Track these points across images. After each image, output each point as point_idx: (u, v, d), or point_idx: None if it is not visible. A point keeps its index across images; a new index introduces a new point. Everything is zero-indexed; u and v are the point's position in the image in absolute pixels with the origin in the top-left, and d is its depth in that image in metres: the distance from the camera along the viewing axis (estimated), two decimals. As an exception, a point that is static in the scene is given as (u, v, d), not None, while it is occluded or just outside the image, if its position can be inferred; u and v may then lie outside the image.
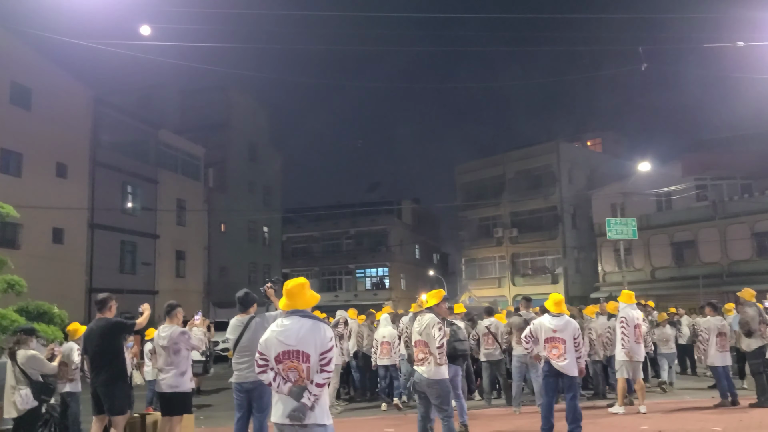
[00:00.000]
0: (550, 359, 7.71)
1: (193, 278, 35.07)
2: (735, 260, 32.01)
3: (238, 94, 42.89)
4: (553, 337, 7.72)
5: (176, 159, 34.94)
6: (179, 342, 6.67)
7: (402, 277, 53.48)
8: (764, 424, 8.26)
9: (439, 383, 6.42)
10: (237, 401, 6.51)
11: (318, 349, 4.04)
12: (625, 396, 9.87)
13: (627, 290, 10.43)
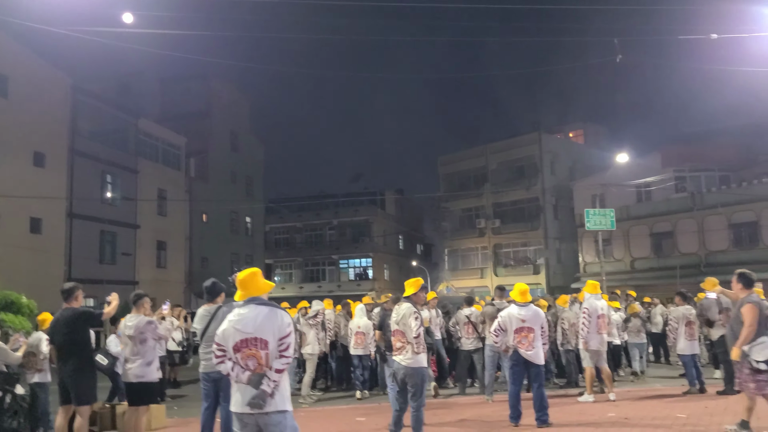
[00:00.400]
0: (519, 349, 7.80)
1: (174, 268, 34.91)
2: (712, 251, 32.42)
3: (220, 83, 42.56)
4: (522, 327, 7.83)
5: (156, 148, 34.67)
6: (145, 332, 6.66)
7: (385, 267, 53.58)
8: (729, 410, 8.40)
9: (416, 372, 6.47)
10: (204, 391, 6.52)
11: (276, 335, 4.04)
12: (594, 384, 10.01)
13: (592, 280, 10.57)
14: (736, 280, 7.11)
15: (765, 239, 30.47)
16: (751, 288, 7.01)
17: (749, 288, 6.99)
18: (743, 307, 6.82)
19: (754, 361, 6.57)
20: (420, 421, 6.37)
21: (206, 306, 6.61)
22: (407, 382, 6.43)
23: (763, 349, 6.57)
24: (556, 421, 7.87)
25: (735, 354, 6.72)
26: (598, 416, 8.39)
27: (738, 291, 7.09)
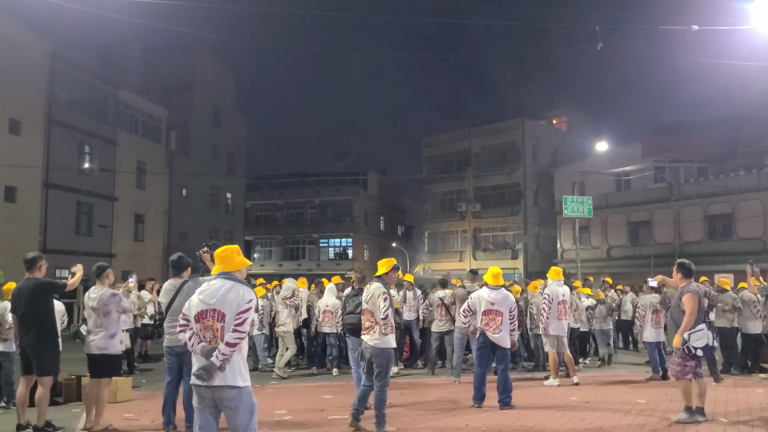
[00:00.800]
0: (486, 331, 7.89)
1: (151, 242, 34.70)
2: (687, 241, 32.86)
3: (204, 56, 41.98)
4: (491, 310, 7.93)
5: (137, 120, 34.24)
6: (109, 304, 6.63)
7: (365, 248, 53.65)
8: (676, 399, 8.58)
9: (383, 352, 6.49)
10: (168, 365, 6.53)
11: (234, 309, 4.03)
12: (560, 368, 10.16)
13: (555, 267, 10.70)
14: (676, 269, 7.27)
15: (739, 231, 30.91)
16: (691, 277, 7.18)
17: (689, 277, 7.16)
18: (684, 296, 7.00)
19: (692, 348, 6.78)
20: (383, 401, 6.42)
21: (172, 280, 6.59)
22: (373, 362, 6.47)
23: (701, 337, 6.78)
24: (519, 404, 7.99)
25: (677, 341, 6.90)
26: (560, 400, 8.54)
27: (678, 280, 7.26)
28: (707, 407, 7.22)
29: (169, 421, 6.46)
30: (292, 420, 7.22)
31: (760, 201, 30.01)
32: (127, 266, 29.44)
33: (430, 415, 7.48)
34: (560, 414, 7.53)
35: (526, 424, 6.96)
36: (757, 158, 32.26)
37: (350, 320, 7.59)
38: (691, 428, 6.72)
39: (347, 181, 53.29)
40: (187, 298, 6.36)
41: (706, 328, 6.88)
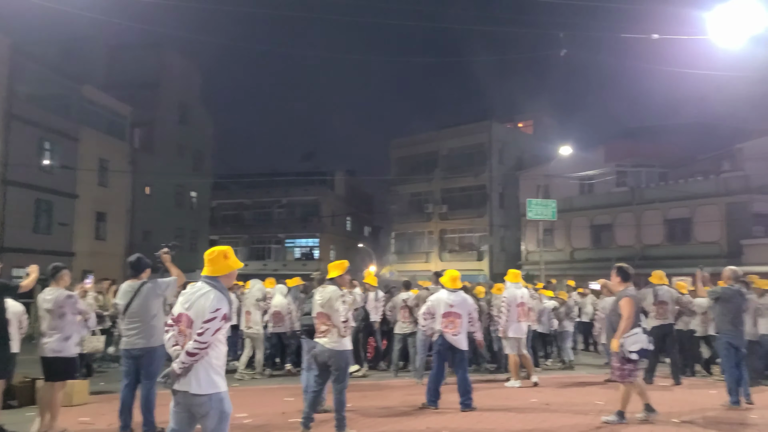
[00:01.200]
0: (445, 333, 7.95)
1: (114, 241, 34.07)
2: (647, 244, 33.53)
3: (170, 54, 41.39)
4: (450, 312, 8.02)
5: (100, 116, 33.57)
6: (64, 306, 6.50)
7: (332, 248, 53.52)
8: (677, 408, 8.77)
9: (341, 354, 6.47)
10: (125, 368, 6.42)
11: (200, 318, 3.97)
12: (523, 370, 10.29)
13: (513, 269, 10.86)
14: (615, 273, 7.42)
15: (697, 235, 31.66)
16: (629, 281, 7.32)
17: (627, 281, 7.30)
18: (621, 300, 7.15)
19: (627, 351, 6.93)
20: (342, 403, 6.41)
21: (130, 281, 6.49)
22: (330, 365, 6.43)
23: (636, 341, 6.92)
24: (480, 405, 8.07)
25: (614, 345, 7.06)
26: (521, 401, 8.65)
27: (617, 284, 7.41)
28: (662, 408, 7.39)
29: (126, 425, 6.36)
30: (252, 423, 7.17)
31: (717, 206, 30.79)
32: (88, 266, 28.88)
33: (391, 418, 7.50)
34: (521, 416, 7.63)
35: (487, 426, 7.04)
36: (716, 164, 33.12)
37: (307, 321, 7.49)
38: (645, 428, 6.87)
39: (315, 181, 53.09)
40: (145, 300, 6.33)
41: (642, 332, 7.02)
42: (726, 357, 8.41)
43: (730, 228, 30.19)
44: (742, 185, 30.42)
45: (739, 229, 29.80)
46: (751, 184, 30.17)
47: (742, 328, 8.49)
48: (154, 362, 6.34)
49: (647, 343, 6.98)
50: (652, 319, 10.45)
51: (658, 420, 7.23)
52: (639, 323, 7.11)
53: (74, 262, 28.03)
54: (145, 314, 6.30)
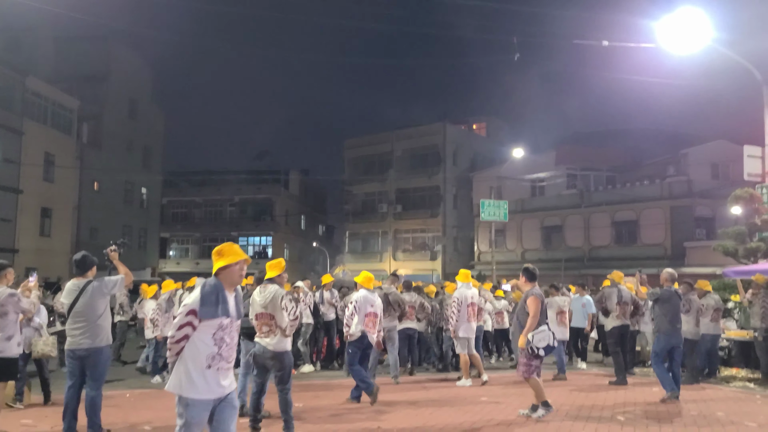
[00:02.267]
0: (368, 332, 8.45)
1: (59, 238, 33.09)
2: (595, 246, 34.42)
3: (120, 47, 40.43)
4: (372, 312, 8.53)
5: (46, 110, 32.57)
6: (7, 304, 6.28)
7: (286, 247, 53.13)
8: (591, 397, 9.01)
9: (284, 355, 6.40)
10: (69, 368, 6.24)
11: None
12: (472, 369, 10.42)
13: (464, 269, 10.99)
14: (522, 273, 7.77)
15: (643, 237, 32.66)
16: (534, 281, 7.65)
17: (533, 281, 7.63)
18: (528, 298, 7.45)
19: (535, 348, 7.24)
20: (289, 404, 6.33)
21: (75, 280, 6.31)
22: (274, 366, 6.36)
23: (543, 338, 7.25)
24: (432, 403, 8.16)
25: (521, 342, 7.35)
26: (470, 399, 8.76)
27: (523, 284, 7.73)
28: (605, 403, 7.59)
29: (70, 427, 6.17)
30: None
31: (662, 209, 31.82)
32: (33, 263, 27.96)
33: (343, 416, 7.49)
34: (471, 413, 7.71)
35: (439, 422, 7.10)
36: (661, 169, 34.23)
37: (245, 324, 7.34)
38: (583, 425, 7.05)
39: (268, 180, 52.63)
40: (90, 299, 6.17)
41: (548, 329, 7.34)
42: (657, 355, 8.86)
43: (673, 231, 31.25)
44: (686, 189, 31.52)
45: (682, 232, 30.86)
46: (694, 188, 31.28)
47: (679, 327, 8.97)
48: (100, 363, 6.19)
49: (552, 340, 7.35)
50: (614, 319, 10.65)
51: (590, 416, 7.43)
52: (546, 321, 7.44)
53: (17, 259, 27.16)
54: (91, 314, 6.14)
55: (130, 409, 8.01)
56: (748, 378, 11.23)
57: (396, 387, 9.94)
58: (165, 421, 7.15)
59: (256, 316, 6.42)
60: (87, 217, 36.09)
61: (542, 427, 6.94)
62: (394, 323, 10.51)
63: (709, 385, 10.37)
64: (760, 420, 7.46)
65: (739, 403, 8.76)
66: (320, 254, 54.34)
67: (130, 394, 9.38)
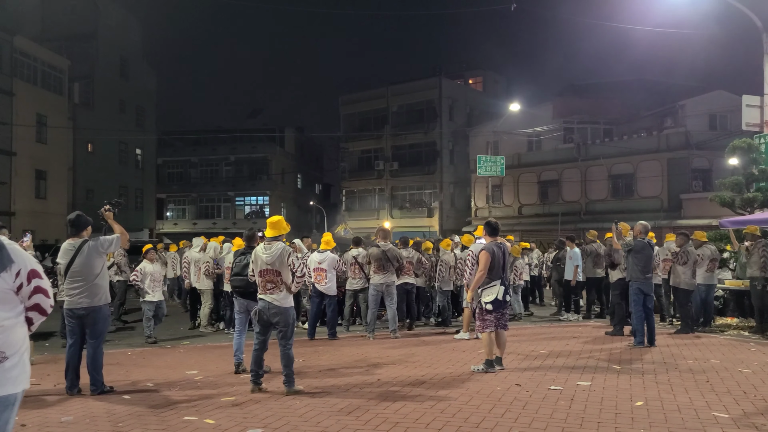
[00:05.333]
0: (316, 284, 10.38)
1: (55, 200, 33.02)
2: (592, 200, 34.44)
3: (108, 4, 39.62)
4: (318, 268, 10.40)
5: (35, 70, 32.10)
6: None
7: (282, 206, 53.16)
8: (586, 348, 9.12)
9: (288, 311, 6.44)
10: (69, 327, 6.29)
11: None
12: (471, 322, 10.51)
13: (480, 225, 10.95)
14: (483, 228, 7.80)
15: (639, 190, 32.66)
16: (496, 236, 7.63)
17: (494, 236, 7.61)
18: (479, 252, 7.46)
19: (483, 302, 7.32)
20: (291, 359, 6.38)
21: (71, 240, 6.29)
22: (277, 322, 6.40)
23: (491, 293, 7.29)
24: (430, 357, 8.26)
25: (468, 297, 7.45)
26: (469, 351, 8.86)
27: (485, 238, 7.73)
28: (601, 353, 7.67)
29: (73, 385, 6.26)
30: (204, 380, 7.15)
31: (659, 162, 31.73)
32: (28, 225, 27.91)
33: (342, 371, 7.58)
34: (468, 365, 7.79)
35: (435, 373, 7.19)
36: (658, 121, 33.99)
37: (237, 282, 7.30)
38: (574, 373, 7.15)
39: (263, 138, 52.29)
40: (87, 258, 6.16)
41: (499, 284, 7.32)
42: (635, 302, 9.21)
43: (670, 183, 31.23)
44: (683, 141, 31.37)
45: (679, 184, 30.86)
46: (691, 140, 31.13)
47: (650, 276, 9.35)
48: (99, 321, 6.23)
49: (503, 294, 7.33)
50: (619, 271, 10.72)
51: (587, 366, 7.53)
52: (501, 276, 7.38)
53: (14, 222, 27.12)
54: (88, 273, 6.14)
55: (132, 367, 8.09)
56: (742, 326, 11.38)
57: (395, 341, 10.04)
58: (166, 378, 7.24)
59: (260, 272, 6.39)
60: (82, 178, 35.94)
61: (530, 376, 7.02)
62: (392, 278, 10.56)
63: (704, 334, 10.50)
64: (753, 367, 7.57)
65: (733, 350, 8.89)
66: (317, 213, 54.40)
67: (131, 351, 9.47)
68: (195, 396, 6.30)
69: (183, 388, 6.70)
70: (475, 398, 6.01)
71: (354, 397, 6.16)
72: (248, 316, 7.50)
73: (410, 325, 11.70)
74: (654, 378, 6.91)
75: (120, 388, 6.57)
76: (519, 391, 6.29)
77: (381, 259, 10.43)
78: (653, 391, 6.23)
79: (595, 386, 6.49)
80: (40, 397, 6.33)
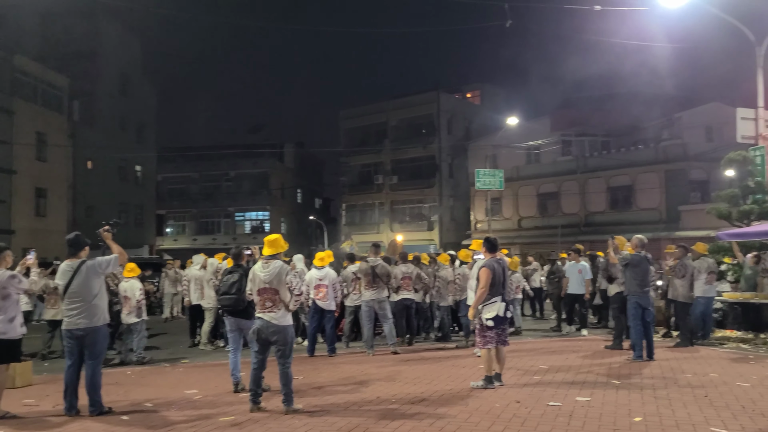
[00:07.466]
0: (316, 300, 10.35)
1: (55, 217, 33.01)
2: (591, 212, 34.48)
3: (108, 22, 39.80)
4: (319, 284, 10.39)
5: (35, 88, 32.25)
6: (8, 286, 6.28)
7: (283, 221, 53.17)
8: (587, 362, 9.11)
9: (287, 329, 6.43)
10: (68, 348, 6.30)
11: None
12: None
13: (478, 239, 10.96)
14: (483, 244, 7.77)
15: (638, 202, 32.71)
16: (495, 252, 7.59)
17: (493, 252, 7.58)
18: (480, 270, 7.46)
19: (484, 319, 7.29)
20: (290, 378, 6.36)
21: (69, 261, 6.32)
22: (277, 341, 6.37)
23: (492, 309, 7.25)
24: (431, 373, 8.26)
25: (470, 313, 7.52)
26: (468, 367, 8.86)
27: (484, 254, 7.72)
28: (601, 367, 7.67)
29: (72, 406, 6.26)
30: (203, 400, 7.15)
31: (657, 174, 31.80)
32: (29, 243, 27.86)
33: (342, 388, 7.58)
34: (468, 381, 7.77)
35: (438, 391, 7.18)
36: (655, 133, 34.12)
37: (226, 302, 7.35)
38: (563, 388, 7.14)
39: (264, 154, 52.35)
40: (85, 279, 6.19)
41: (500, 300, 7.30)
42: (634, 316, 9.26)
43: (668, 195, 31.27)
44: (680, 153, 31.46)
45: (677, 196, 30.90)
46: (689, 151, 31.22)
47: (647, 290, 9.39)
48: (98, 342, 6.25)
49: (504, 311, 7.30)
50: (617, 285, 10.70)
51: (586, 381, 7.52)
52: (501, 292, 7.36)
53: (14, 241, 27.10)
54: (86, 294, 6.17)
55: (131, 386, 8.09)
56: (741, 339, 11.37)
57: (395, 357, 10.04)
58: (166, 397, 7.24)
59: (258, 291, 6.39)
60: (82, 195, 35.99)
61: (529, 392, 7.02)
62: (384, 294, 10.54)
63: (703, 347, 10.50)
64: (752, 380, 7.57)
65: (732, 364, 8.88)
66: (317, 228, 54.39)
67: (131, 371, 9.46)
68: (194, 416, 6.30)
69: (182, 408, 6.70)
70: (475, 415, 6.01)
71: (353, 415, 6.16)
72: (240, 334, 7.54)
73: (410, 341, 11.69)
74: (653, 393, 6.91)
75: (119, 408, 6.57)
76: (518, 407, 6.29)
77: (370, 274, 10.44)
78: (652, 407, 6.24)
79: (594, 402, 6.50)
80: (40, 418, 6.34)
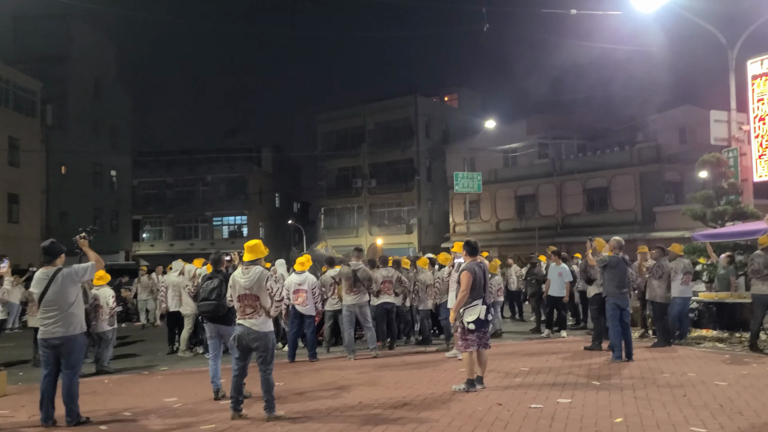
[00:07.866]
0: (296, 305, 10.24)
1: (28, 224, 32.46)
2: (568, 213, 34.80)
3: (81, 25, 39.29)
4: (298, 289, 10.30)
5: (7, 92, 31.69)
6: (-22, 296, 6.16)
7: (261, 225, 52.87)
8: (565, 366, 9.17)
9: (268, 335, 6.36)
10: (44, 358, 6.16)
11: None
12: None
13: (460, 241, 10.98)
14: (463, 247, 7.78)
15: (614, 204, 33.09)
16: (475, 255, 7.62)
17: (473, 255, 7.62)
18: (461, 273, 7.48)
19: (466, 322, 7.30)
20: (271, 384, 6.30)
21: (44, 268, 6.20)
22: (258, 347, 6.30)
23: (473, 312, 7.26)
24: (413, 377, 8.23)
25: (451, 316, 7.54)
26: (450, 370, 8.86)
27: (464, 257, 7.75)
28: (580, 369, 7.72)
29: (48, 416, 6.13)
30: (182, 408, 7.05)
31: (632, 175, 32.23)
32: (1, 251, 27.35)
33: (324, 394, 7.53)
34: (449, 384, 7.78)
35: (418, 396, 7.16)
36: (630, 136, 34.59)
37: (205, 308, 7.26)
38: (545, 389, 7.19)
39: (240, 158, 52.03)
40: (61, 287, 6.07)
41: (481, 303, 7.32)
42: (612, 317, 9.40)
43: (643, 196, 31.70)
44: (654, 155, 31.91)
45: (652, 197, 31.34)
46: (663, 153, 31.69)
47: (625, 291, 9.51)
48: (74, 351, 6.13)
49: (485, 314, 7.31)
50: (596, 287, 10.76)
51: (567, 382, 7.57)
52: (482, 295, 7.38)
53: (-22, 249, 26.54)
54: (62, 302, 6.05)
55: (109, 395, 7.95)
56: (717, 338, 11.54)
57: (375, 361, 10.01)
58: (144, 406, 7.13)
59: (238, 297, 6.32)
60: (56, 201, 35.44)
61: (511, 394, 7.04)
62: (365, 299, 10.55)
63: (681, 347, 10.63)
64: (729, 379, 7.68)
65: (709, 363, 9.01)
66: (296, 232, 54.15)
67: (108, 379, 9.31)
68: (174, 425, 6.21)
69: (161, 417, 6.61)
70: (457, 419, 6.01)
71: (335, 421, 6.12)
72: (221, 340, 7.45)
73: (391, 345, 11.67)
74: (633, 393, 6.97)
75: (97, 418, 6.45)
76: (500, 410, 6.31)
77: (351, 278, 10.42)
78: (632, 407, 6.29)
79: (575, 403, 6.54)
80: (15, 429, 6.20)
